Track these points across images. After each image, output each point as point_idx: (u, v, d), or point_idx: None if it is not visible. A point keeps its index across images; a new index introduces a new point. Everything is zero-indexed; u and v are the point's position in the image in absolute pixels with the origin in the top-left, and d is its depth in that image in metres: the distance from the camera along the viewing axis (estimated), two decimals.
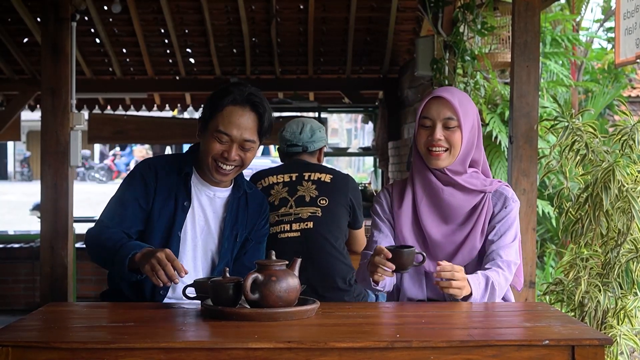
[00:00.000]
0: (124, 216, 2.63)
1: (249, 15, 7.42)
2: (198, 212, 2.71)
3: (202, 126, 2.68)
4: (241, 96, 2.61)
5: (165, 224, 2.65)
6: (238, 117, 2.60)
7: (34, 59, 7.76)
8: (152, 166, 2.70)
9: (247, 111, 2.62)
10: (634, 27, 2.92)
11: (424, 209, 2.61)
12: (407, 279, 2.63)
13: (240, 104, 2.61)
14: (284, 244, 3.36)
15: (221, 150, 2.61)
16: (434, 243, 2.60)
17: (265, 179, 3.52)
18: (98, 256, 2.62)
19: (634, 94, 12.63)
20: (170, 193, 2.67)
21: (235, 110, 2.61)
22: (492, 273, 2.52)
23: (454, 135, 2.54)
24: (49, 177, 4.86)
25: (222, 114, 2.60)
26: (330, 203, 3.43)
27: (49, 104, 4.86)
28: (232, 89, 2.64)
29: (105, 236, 2.56)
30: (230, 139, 2.60)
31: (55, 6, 4.88)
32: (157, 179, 2.67)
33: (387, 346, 1.95)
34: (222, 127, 2.60)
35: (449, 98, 2.54)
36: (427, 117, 2.58)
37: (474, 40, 5.19)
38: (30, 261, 7.33)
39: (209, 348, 1.93)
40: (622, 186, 3.22)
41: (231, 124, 2.60)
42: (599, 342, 1.98)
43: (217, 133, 2.61)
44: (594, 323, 3.31)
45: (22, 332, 2.05)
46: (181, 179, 2.69)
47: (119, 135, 8.95)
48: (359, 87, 8.65)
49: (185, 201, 2.67)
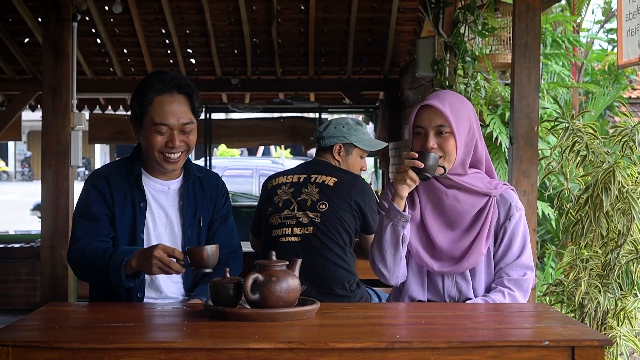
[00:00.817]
0: (99, 228, 2.63)
1: (249, 15, 7.43)
2: (156, 209, 2.71)
3: (136, 124, 2.67)
4: (164, 84, 2.61)
5: (128, 229, 2.66)
6: (169, 105, 2.60)
7: (35, 59, 7.77)
8: (103, 175, 2.70)
9: (175, 96, 2.61)
10: (636, 29, 2.92)
11: (429, 215, 2.58)
12: (410, 278, 2.62)
13: (167, 91, 2.61)
14: (284, 248, 3.32)
15: (164, 141, 2.61)
16: (438, 247, 2.57)
17: (277, 178, 3.49)
18: (88, 273, 2.63)
19: (635, 95, 12.63)
20: (126, 198, 2.67)
21: (164, 99, 2.60)
22: (496, 297, 2.52)
23: (448, 142, 2.51)
24: (50, 177, 4.87)
25: (153, 106, 2.60)
26: (330, 208, 3.37)
27: (49, 104, 4.87)
28: (152, 81, 2.63)
29: (88, 252, 2.57)
30: (169, 127, 2.60)
31: (56, 6, 4.89)
32: (110, 186, 2.67)
33: (387, 347, 1.95)
34: (158, 119, 2.59)
35: (438, 106, 2.50)
36: (419, 125, 2.55)
37: (474, 41, 5.19)
38: (31, 261, 7.33)
39: (209, 348, 1.93)
40: (623, 187, 3.22)
41: (165, 114, 2.59)
42: (598, 343, 1.98)
43: (155, 126, 2.60)
44: (594, 324, 3.32)
45: (22, 332, 2.05)
46: (133, 182, 2.69)
47: (120, 136, 8.95)
48: (360, 87, 8.66)
49: (141, 202, 2.68)
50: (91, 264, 2.56)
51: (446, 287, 2.58)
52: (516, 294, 2.53)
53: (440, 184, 2.57)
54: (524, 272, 2.57)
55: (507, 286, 2.53)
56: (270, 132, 8.85)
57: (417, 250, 2.58)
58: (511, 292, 2.52)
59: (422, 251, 2.57)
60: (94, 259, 2.54)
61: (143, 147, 2.69)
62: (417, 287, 2.61)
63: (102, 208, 2.65)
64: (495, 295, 2.53)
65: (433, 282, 2.59)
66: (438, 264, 2.56)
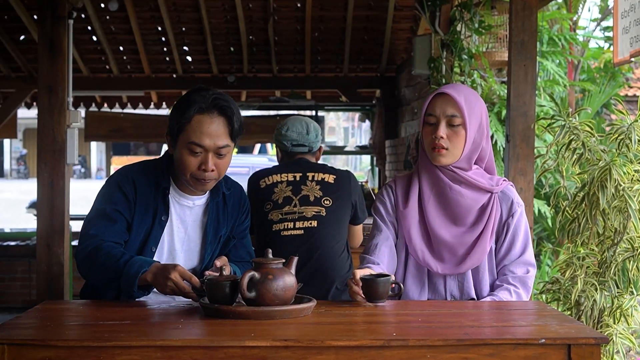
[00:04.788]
0: (114, 231, 2.54)
1: (246, 13, 7.42)
2: (177, 224, 2.63)
3: (172, 140, 2.58)
4: (206, 103, 2.51)
5: (141, 239, 2.57)
6: (208, 126, 2.50)
7: (31, 57, 7.75)
8: (130, 178, 2.60)
9: (215, 117, 2.51)
10: (630, 26, 2.92)
11: (432, 209, 2.56)
12: (409, 280, 2.60)
13: (208, 111, 2.50)
14: (287, 242, 3.37)
15: (198, 164, 2.52)
16: (440, 244, 2.55)
17: (269, 177, 3.51)
18: (96, 273, 2.53)
19: (631, 93, 12.63)
20: (148, 207, 2.58)
21: (203, 119, 2.50)
22: (503, 295, 2.51)
23: (458, 133, 2.49)
24: (46, 174, 4.85)
25: (191, 125, 2.50)
26: (334, 204, 3.45)
27: (45, 102, 4.86)
28: (195, 97, 2.53)
29: (103, 252, 2.47)
30: (204, 149, 2.51)
31: (52, 4, 4.88)
32: (136, 192, 2.58)
33: (384, 345, 1.95)
34: (194, 139, 2.50)
35: (454, 95, 2.49)
36: (431, 114, 2.52)
37: (471, 39, 5.19)
38: (27, 259, 7.33)
39: (206, 346, 1.93)
40: (619, 185, 3.22)
41: (202, 134, 2.49)
42: (595, 341, 1.98)
43: (190, 145, 2.51)
44: (590, 322, 3.32)
45: (18, 330, 2.04)
46: (159, 193, 2.60)
47: (116, 134, 8.95)
48: (356, 85, 8.65)
49: (163, 215, 2.59)
50: (103, 266, 2.47)
51: (448, 286, 2.57)
52: (521, 292, 2.53)
53: (444, 176, 2.55)
54: (527, 269, 2.57)
55: (513, 284, 2.53)
56: (267, 129, 8.83)
57: (422, 252, 2.55)
58: (517, 289, 2.52)
59: (427, 253, 2.54)
60: (108, 261, 2.45)
61: (176, 165, 2.59)
62: (416, 289, 2.59)
63: (122, 211, 2.56)
64: (502, 294, 2.52)
65: (434, 282, 2.58)
66: (442, 265, 2.53)
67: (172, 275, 2.31)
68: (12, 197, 21.20)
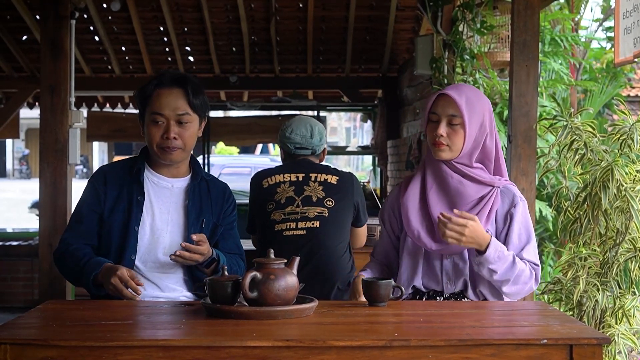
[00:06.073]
0: (81, 232, 2.73)
1: (248, 13, 7.42)
2: (158, 205, 2.76)
3: (141, 122, 2.79)
4: (165, 78, 2.74)
5: (122, 220, 2.72)
6: (166, 97, 2.71)
7: (33, 57, 7.76)
8: (102, 172, 2.81)
9: (174, 89, 2.72)
10: (632, 27, 2.92)
11: (433, 195, 2.66)
12: (404, 262, 2.69)
13: (167, 85, 2.72)
14: (289, 241, 3.36)
15: (161, 133, 2.71)
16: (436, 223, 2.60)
17: (271, 177, 3.51)
18: (67, 276, 2.79)
19: (633, 94, 12.63)
20: (122, 190, 2.75)
21: (162, 92, 2.72)
22: (520, 264, 2.54)
23: (457, 132, 2.59)
24: (48, 174, 4.86)
25: (152, 99, 2.72)
26: (337, 205, 3.45)
27: (48, 102, 4.86)
28: (156, 77, 2.78)
29: (68, 256, 2.69)
30: (164, 117, 2.70)
31: (54, 4, 4.88)
32: (106, 183, 2.77)
33: (386, 345, 1.95)
34: (155, 109, 2.71)
35: (454, 96, 2.59)
36: (434, 112, 2.64)
37: (473, 39, 5.19)
38: (29, 259, 7.33)
39: (208, 346, 1.93)
40: (621, 185, 3.22)
41: (161, 104, 2.70)
42: (597, 342, 1.98)
43: (152, 115, 2.71)
44: (592, 322, 3.32)
45: (20, 330, 2.05)
46: (134, 176, 2.77)
47: (118, 134, 8.95)
48: (358, 85, 8.66)
49: (138, 196, 2.74)
50: (68, 268, 2.70)
51: (444, 267, 2.63)
52: (526, 271, 2.56)
53: (447, 167, 2.65)
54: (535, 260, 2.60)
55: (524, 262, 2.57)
56: (269, 130, 8.84)
57: (417, 232, 2.64)
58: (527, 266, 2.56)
59: (424, 233, 2.63)
60: (71, 263, 2.67)
61: (146, 140, 2.78)
62: (411, 271, 2.67)
63: (92, 207, 2.74)
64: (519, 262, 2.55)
65: (430, 264, 2.65)
66: (436, 244, 2.61)
67: (112, 279, 2.49)
68: (14, 197, 21.22)
